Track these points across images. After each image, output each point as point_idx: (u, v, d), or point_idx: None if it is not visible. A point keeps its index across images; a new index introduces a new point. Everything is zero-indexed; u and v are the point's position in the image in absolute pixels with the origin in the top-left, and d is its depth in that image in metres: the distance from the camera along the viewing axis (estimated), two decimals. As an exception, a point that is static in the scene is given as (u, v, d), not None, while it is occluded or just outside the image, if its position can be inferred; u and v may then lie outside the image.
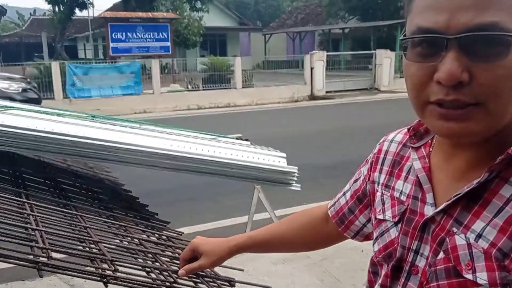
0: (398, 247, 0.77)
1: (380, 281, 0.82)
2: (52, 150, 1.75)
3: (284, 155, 2.04)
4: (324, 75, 16.35)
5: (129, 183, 2.90)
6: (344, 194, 1.00)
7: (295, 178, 1.96)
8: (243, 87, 15.40)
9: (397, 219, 0.78)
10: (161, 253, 1.42)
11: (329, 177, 5.72)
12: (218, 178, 2.10)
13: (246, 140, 2.33)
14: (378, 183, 0.87)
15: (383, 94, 16.50)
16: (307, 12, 31.79)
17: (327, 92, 16.43)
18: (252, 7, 41.02)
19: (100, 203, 1.84)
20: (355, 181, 0.98)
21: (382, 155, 0.88)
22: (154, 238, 1.58)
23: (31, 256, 1.14)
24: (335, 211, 1.01)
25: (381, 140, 0.92)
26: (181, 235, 1.85)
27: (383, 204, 0.83)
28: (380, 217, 0.83)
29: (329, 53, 17.94)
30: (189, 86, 15.29)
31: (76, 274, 1.08)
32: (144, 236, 1.57)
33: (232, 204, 4.95)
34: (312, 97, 16.11)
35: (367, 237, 0.99)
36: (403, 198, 0.79)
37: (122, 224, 1.61)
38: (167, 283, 1.21)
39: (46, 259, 1.07)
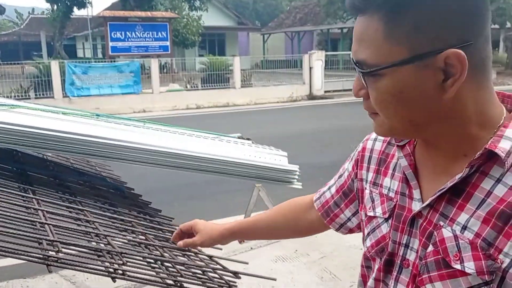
0: (389, 242, 0.81)
1: (373, 275, 0.86)
2: (58, 148, 1.78)
3: (285, 153, 2.07)
4: (323, 75, 16.39)
5: (129, 181, 2.93)
6: (329, 188, 1.06)
7: (297, 177, 1.99)
8: (242, 87, 15.43)
9: (387, 215, 0.83)
10: (165, 248, 1.44)
11: (328, 176, 5.72)
12: (220, 176, 2.13)
13: (248, 139, 2.36)
14: (366, 181, 0.91)
15: (381, 94, 16.51)
16: (306, 11, 31.81)
17: (325, 91, 16.48)
18: (251, 6, 41.03)
19: (104, 200, 1.86)
20: (340, 176, 1.04)
21: (367, 154, 0.93)
22: (159, 234, 1.61)
23: (39, 252, 1.17)
24: (321, 204, 1.06)
25: (364, 139, 0.97)
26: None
27: (373, 201, 0.87)
28: (371, 214, 0.87)
29: (327, 52, 17.97)
30: (188, 86, 15.31)
31: (85, 270, 1.11)
32: (149, 232, 1.60)
33: (231, 203, 4.98)
34: (311, 96, 16.16)
35: (351, 231, 1.04)
36: (391, 194, 0.83)
37: (127, 220, 1.64)
38: (172, 277, 1.24)
39: (55, 254, 1.10)
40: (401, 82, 0.69)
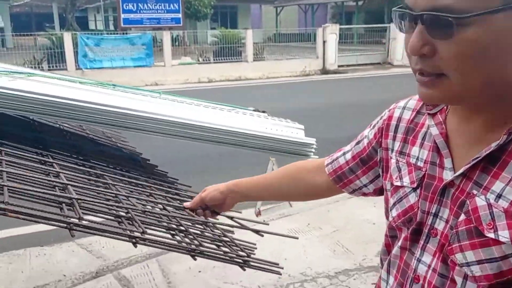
0: (418, 211, 0.80)
1: (399, 243, 0.85)
2: (75, 117, 1.77)
3: (302, 126, 2.05)
4: (337, 49, 16.15)
5: (143, 153, 2.94)
6: (344, 154, 1.05)
7: (313, 150, 1.97)
8: (254, 60, 15.30)
9: (415, 185, 0.81)
10: (184, 217, 1.45)
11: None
12: (235, 149, 2.12)
13: (263, 112, 2.34)
14: (392, 150, 0.89)
15: (396, 68, 16.30)
16: (320, -16, 31.17)
17: (339, 66, 16.26)
18: (264, -21, 40.27)
19: (122, 169, 1.87)
20: (358, 143, 1.02)
21: (394, 122, 0.90)
22: (177, 203, 1.61)
23: (61, 218, 1.17)
24: (333, 169, 1.06)
25: (391, 107, 0.95)
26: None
27: (400, 171, 0.85)
28: (398, 183, 0.85)
29: (342, 26, 17.66)
30: (200, 59, 15.22)
31: (107, 234, 1.12)
32: (168, 199, 1.61)
33: (244, 176, 4.98)
34: (324, 71, 15.97)
35: (364, 195, 1.05)
36: (420, 164, 0.81)
37: (146, 189, 1.64)
38: (193, 245, 1.25)
39: (77, 220, 1.10)
40: (491, 32, 0.62)
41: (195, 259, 1.21)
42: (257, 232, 1.34)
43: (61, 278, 3.08)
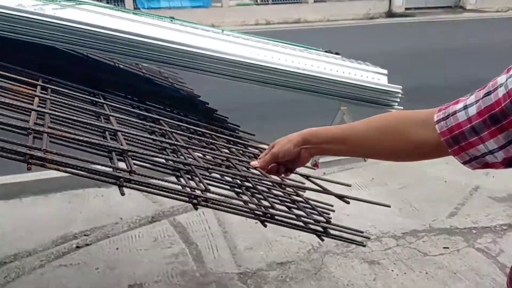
0: None
1: None
2: (129, 53, 1.58)
3: (385, 71, 1.74)
4: (405, -10, 15.04)
5: (199, 93, 2.75)
6: (465, 108, 0.76)
7: (398, 100, 1.67)
8: (315, 2, 14.59)
9: None
10: (250, 172, 1.24)
11: (411, 101, 5.28)
12: (308, 95, 1.86)
13: (337, 54, 2.04)
14: None
15: (468, 13, 15.00)
16: None
17: (406, 8, 15.19)
18: None
19: (180, 113, 1.68)
20: (487, 94, 0.72)
21: None
22: (240, 154, 1.41)
23: (111, 172, 1.00)
24: (448, 127, 0.78)
25: None
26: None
27: None
28: None
29: (411, -35, 16.31)
30: (258, 0, 14.69)
31: (163, 193, 0.93)
32: (229, 152, 1.41)
33: (304, 125, 4.70)
34: (390, 13, 14.98)
35: (486, 166, 0.78)
36: None
37: (207, 138, 1.44)
38: (262, 208, 1.04)
39: (128, 174, 0.92)
40: None
41: (265, 226, 1.00)
42: (341, 198, 1.11)
43: (118, 220, 3.05)
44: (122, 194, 0.88)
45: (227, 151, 1.41)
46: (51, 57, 1.71)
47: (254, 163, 1.06)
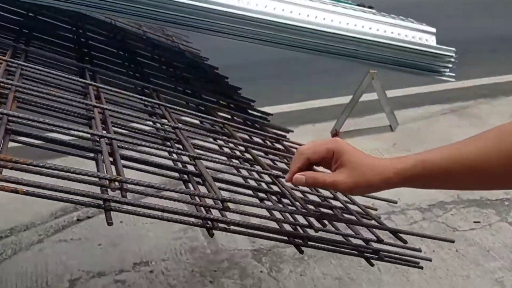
0: None
1: None
2: (124, 10, 1.29)
3: (433, 30, 1.44)
4: None
5: (205, 54, 2.45)
6: None
7: (450, 65, 1.38)
8: None
9: None
10: (273, 165, 0.99)
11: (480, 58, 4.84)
12: (333, 58, 1.57)
13: (370, 7, 1.73)
14: None
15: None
16: None
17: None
18: None
19: (185, 85, 1.41)
20: None
21: None
22: (259, 140, 1.15)
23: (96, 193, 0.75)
24: None
25: None
26: (288, 134, 1.41)
27: None
28: None
29: None
30: None
31: (172, 219, 0.69)
32: (246, 137, 1.16)
33: (322, 84, 4.39)
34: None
35: None
36: None
37: (219, 121, 1.17)
38: (299, 229, 0.78)
39: (118, 195, 0.68)
40: None
41: (301, 252, 0.76)
42: (394, 233, 0.85)
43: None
44: (109, 223, 0.64)
45: (246, 137, 1.15)
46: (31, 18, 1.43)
47: (300, 177, 0.71)
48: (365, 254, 0.83)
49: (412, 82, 3.97)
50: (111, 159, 0.76)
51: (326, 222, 0.77)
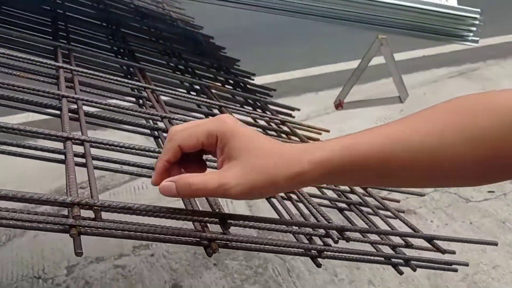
0: None
1: None
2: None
3: (454, -12, 1.27)
4: None
5: (199, 20, 2.27)
6: None
7: (474, 28, 1.21)
8: None
9: None
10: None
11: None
12: (341, 26, 1.41)
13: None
14: None
15: None
16: None
17: None
18: None
19: (178, 60, 1.26)
20: None
21: None
22: (263, 123, 1.01)
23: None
24: None
25: None
26: (293, 112, 1.27)
27: None
28: None
29: None
30: None
31: (158, 236, 0.56)
32: (250, 120, 1.02)
33: (324, 48, 4.20)
34: None
35: None
36: None
37: (215, 103, 1.03)
38: (319, 241, 0.65)
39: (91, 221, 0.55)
40: None
41: (319, 266, 0.63)
42: (430, 240, 0.72)
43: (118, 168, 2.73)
44: (78, 253, 0.51)
45: (250, 119, 1.00)
46: None
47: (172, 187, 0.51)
48: (393, 260, 0.71)
49: (416, 45, 3.79)
50: (83, 168, 0.63)
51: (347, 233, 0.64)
